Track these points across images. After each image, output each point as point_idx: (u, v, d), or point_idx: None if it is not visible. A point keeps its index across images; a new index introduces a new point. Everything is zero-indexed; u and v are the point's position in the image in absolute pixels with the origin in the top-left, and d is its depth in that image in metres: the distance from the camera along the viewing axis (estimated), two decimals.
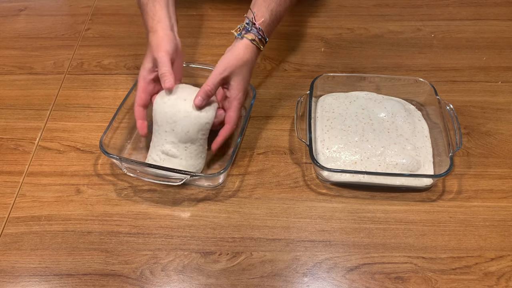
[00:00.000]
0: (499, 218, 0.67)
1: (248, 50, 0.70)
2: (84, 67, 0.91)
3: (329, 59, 0.92)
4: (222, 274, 0.62)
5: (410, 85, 0.80)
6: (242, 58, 0.69)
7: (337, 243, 0.65)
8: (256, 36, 0.70)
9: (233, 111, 0.70)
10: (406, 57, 0.92)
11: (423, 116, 0.78)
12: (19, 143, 0.78)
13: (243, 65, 0.69)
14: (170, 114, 0.67)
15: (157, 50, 0.70)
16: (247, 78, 0.71)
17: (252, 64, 0.71)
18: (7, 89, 0.87)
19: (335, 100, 0.80)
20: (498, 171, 0.72)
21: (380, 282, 0.61)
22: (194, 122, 0.67)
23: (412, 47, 0.94)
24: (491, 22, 0.99)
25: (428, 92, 0.78)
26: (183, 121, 0.67)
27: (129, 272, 0.62)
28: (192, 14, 1.01)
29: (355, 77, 0.82)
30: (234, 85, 0.69)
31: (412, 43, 0.95)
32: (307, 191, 0.70)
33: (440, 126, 0.74)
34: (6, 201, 0.70)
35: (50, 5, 1.07)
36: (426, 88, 0.79)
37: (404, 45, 0.94)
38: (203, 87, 0.68)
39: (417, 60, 0.91)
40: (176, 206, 0.69)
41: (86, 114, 0.82)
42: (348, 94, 0.81)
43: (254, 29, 0.71)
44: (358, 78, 0.82)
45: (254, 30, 0.71)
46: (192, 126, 0.67)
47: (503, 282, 0.60)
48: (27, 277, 0.62)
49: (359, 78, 0.82)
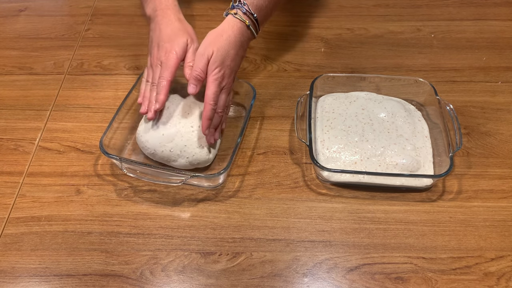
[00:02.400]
0: (499, 218, 0.67)
1: (230, 25, 0.70)
2: (84, 67, 0.91)
3: (329, 59, 0.92)
4: (222, 274, 0.62)
5: (410, 85, 0.80)
6: (222, 34, 0.69)
7: (337, 243, 0.65)
8: (240, 10, 0.70)
9: (207, 88, 0.67)
10: (406, 57, 0.92)
11: (423, 116, 0.78)
12: (19, 143, 0.78)
13: (225, 41, 0.68)
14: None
15: (174, 44, 0.71)
16: (230, 54, 0.69)
17: (235, 38, 0.70)
18: (7, 89, 0.87)
19: (335, 100, 0.80)
20: (498, 171, 0.72)
21: (380, 282, 0.61)
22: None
23: (412, 47, 0.94)
24: (491, 22, 0.99)
25: (428, 92, 0.78)
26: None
27: (129, 272, 0.62)
28: (192, 14, 1.01)
29: (355, 77, 0.82)
30: (211, 60, 0.68)
31: (412, 43, 0.95)
32: (307, 191, 0.70)
33: (440, 126, 0.74)
34: (6, 201, 0.70)
35: (50, 5, 1.07)
36: (426, 88, 0.79)
37: (404, 45, 0.94)
38: (191, 73, 0.68)
39: (417, 60, 0.91)
40: (176, 206, 0.69)
41: (86, 115, 0.82)
42: (348, 94, 0.81)
43: (239, 4, 0.70)
44: (358, 78, 0.82)
45: (239, 5, 0.70)
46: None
47: (503, 282, 0.60)
48: (27, 278, 0.62)
49: (359, 79, 0.82)
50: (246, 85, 0.78)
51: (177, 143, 0.69)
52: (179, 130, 0.70)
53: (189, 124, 0.71)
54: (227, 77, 0.69)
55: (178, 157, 0.70)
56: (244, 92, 0.80)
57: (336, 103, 0.79)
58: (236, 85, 0.80)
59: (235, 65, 0.71)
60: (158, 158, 0.71)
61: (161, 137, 0.70)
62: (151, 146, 0.70)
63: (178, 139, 0.69)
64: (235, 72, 0.72)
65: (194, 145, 0.69)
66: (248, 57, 0.92)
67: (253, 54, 0.92)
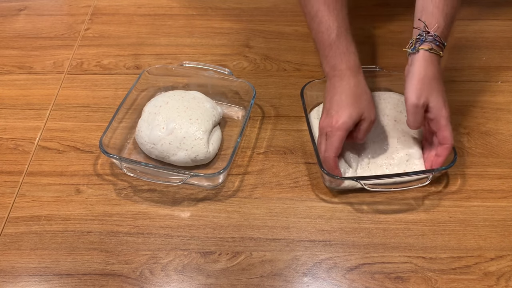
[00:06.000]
0: (499, 218, 0.67)
1: (428, 62, 0.64)
2: (84, 67, 0.91)
3: None
4: (222, 274, 0.62)
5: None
6: (427, 75, 0.63)
7: (337, 243, 0.64)
8: (433, 43, 0.64)
9: (444, 131, 0.65)
10: (406, 57, 0.91)
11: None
12: (19, 143, 0.78)
13: (431, 81, 0.64)
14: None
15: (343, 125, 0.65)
16: (441, 91, 0.65)
17: (438, 73, 0.65)
18: (7, 89, 0.87)
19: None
20: (498, 171, 0.72)
21: (380, 282, 0.61)
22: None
23: None
24: (491, 22, 0.99)
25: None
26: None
27: (129, 272, 0.62)
28: (192, 14, 1.01)
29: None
30: (433, 106, 0.64)
31: None
32: (307, 191, 0.70)
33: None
34: (6, 201, 0.70)
35: (49, 5, 1.07)
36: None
37: (404, 45, 0.94)
38: (409, 127, 0.66)
39: None
40: (175, 206, 0.69)
41: (86, 114, 0.82)
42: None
43: (430, 37, 0.64)
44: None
45: (430, 38, 0.64)
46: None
47: (503, 282, 0.60)
48: (26, 277, 0.62)
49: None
50: (246, 84, 0.78)
51: (176, 135, 0.70)
52: (178, 123, 0.70)
53: (187, 117, 0.71)
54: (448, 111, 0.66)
55: (178, 149, 0.70)
56: (244, 92, 0.80)
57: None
58: (236, 85, 0.80)
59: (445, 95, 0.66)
60: (158, 153, 0.71)
61: (161, 131, 0.70)
62: (151, 140, 0.71)
63: (177, 131, 0.70)
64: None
65: (193, 136, 0.70)
66: (248, 57, 0.92)
67: (253, 54, 0.92)
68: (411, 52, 0.66)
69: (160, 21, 1.00)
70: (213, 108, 0.75)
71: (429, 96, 0.63)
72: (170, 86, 0.83)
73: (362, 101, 0.67)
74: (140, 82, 0.79)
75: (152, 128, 0.71)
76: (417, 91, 0.63)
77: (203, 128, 0.71)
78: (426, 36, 0.64)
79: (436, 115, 0.64)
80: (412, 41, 0.66)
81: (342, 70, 0.68)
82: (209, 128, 0.72)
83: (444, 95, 0.65)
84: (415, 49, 0.65)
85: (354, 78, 0.68)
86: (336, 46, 0.69)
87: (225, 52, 0.93)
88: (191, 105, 0.74)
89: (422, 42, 0.64)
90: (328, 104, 0.67)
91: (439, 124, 0.65)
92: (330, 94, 0.68)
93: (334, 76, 0.68)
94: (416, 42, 0.65)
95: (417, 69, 0.64)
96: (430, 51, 0.64)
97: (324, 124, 0.67)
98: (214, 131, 0.74)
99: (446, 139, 0.65)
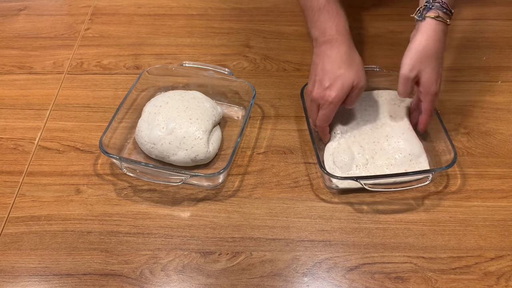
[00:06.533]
0: (499, 218, 0.67)
1: (432, 32, 0.64)
2: (84, 67, 0.91)
3: None
4: (222, 274, 0.62)
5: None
6: (427, 47, 0.64)
7: (337, 243, 0.65)
8: (440, 11, 0.64)
9: (427, 103, 0.68)
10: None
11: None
12: (19, 143, 0.78)
13: (430, 56, 0.64)
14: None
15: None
16: (436, 66, 0.66)
17: (441, 45, 0.65)
18: (7, 89, 0.87)
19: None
20: (498, 171, 0.72)
21: (380, 282, 0.61)
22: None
23: None
24: (491, 22, 0.99)
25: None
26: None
27: (129, 272, 0.62)
28: (192, 14, 1.01)
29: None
30: (424, 81, 0.66)
31: None
32: (307, 191, 0.70)
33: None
34: (6, 201, 0.70)
35: (49, 4, 1.07)
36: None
37: (404, 45, 0.92)
38: (398, 95, 0.69)
39: None
40: (175, 206, 0.69)
41: (86, 114, 0.82)
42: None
43: (437, 3, 0.64)
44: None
45: (437, 5, 0.64)
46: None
47: (503, 282, 0.60)
48: (26, 277, 0.62)
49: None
50: (246, 84, 0.78)
51: (176, 135, 0.70)
52: (178, 123, 0.70)
53: (187, 117, 0.71)
54: (440, 85, 0.68)
55: (178, 149, 0.70)
56: (244, 92, 0.80)
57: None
58: (236, 85, 0.80)
59: (442, 67, 0.68)
60: (158, 153, 0.71)
61: (161, 131, 0.70)
62: (151, 140, 0.71)
63: (177, 131, 0.70)
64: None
65: (193, 136, 0.70)
66: (248, 57, 0.92)
67: (253, 54, 0.92)
68: (418, 19, 0.66)
69: (160, 21, 1.00)
70: (213, 108, 0.75)
71: (422, 70, 0.65)
72: (170, 86, 0.83)
73: (353, 69, 0.68)
74: (140, 82, 0.79)
75: (152, 128, 0.71)
76: (411, 64, 0.65)
77: (203, 127, 0.71)
78: (433, 3, 0.64)
79: (425, 89, 0.67)
80: (420, 9, 0.66)
81: (332, 35, 0.68)
82: (209, 128, 0.72)
83: (440, 70, 0.67)
84: (422, 17, 0.65)
85: (345, 44, 0.68)
86: (326, 10, 0.69)
87: (225, 52, 0.93)
88: (191, 105, 0.74)
89: (429, 9, 0.64)
90: (320, 73, 0.68)
91: (425, 98, 0.68)
92: (322, 62, 0.68)
93: (325, 42, 0.69)
94: (423, 9, 0.65)
95: (418, 39, 0.65)
96: (437, 19, 0.64)
97: (316, 95, 0.68)
98: (214, 131, 0.74)
99: (427, 111, 0.70)
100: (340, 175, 0.69)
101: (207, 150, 0.71)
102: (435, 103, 0.69)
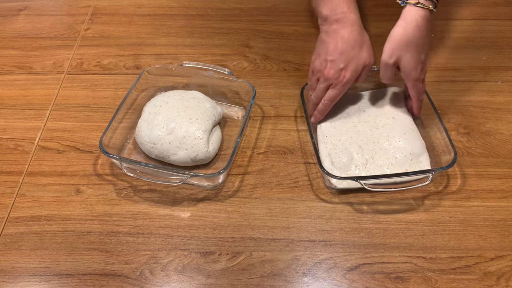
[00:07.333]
0: (499, 218, 0.67)
1: (411, 19, 0.64)
2: (84, 67, 0.91)
3: None
4: (222, 274, 0.62)
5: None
6: (405, 34, 0.65)
7: (337, 243, 0.65)
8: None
9: (410, 89, 0.70)
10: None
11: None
12: (19, 143, 0.78)
13: (409, 42, 0.65)
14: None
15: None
16: (417, 53, 0.66)
17: (421, 32, 0.65)
18: (7, 89, 0.87)
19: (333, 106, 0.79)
20: (498, 171, 0.72)
21: (380, 282, 0.61)
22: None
23: None
24: (491, 22, 0.99)
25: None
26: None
27: (129, 272, 0.62)
28: (192, 14, 1.01)
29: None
30: (403, 67, 0.67)
31: None
32: (307, 191, 0.70)
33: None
34: (6, 201, 0.70)
35: (49, 5, 1.07)
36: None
37: None
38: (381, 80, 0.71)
39: None
40: (176, 206, 0.69)
41: (86, 114, 0.82)
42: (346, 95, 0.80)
43: None
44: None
45: None
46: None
47: (503, 282, 0.60)
48: (26, 277, 0.62)
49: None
50: (246, 85, 0.78)
51: (176, 135, 0.70)
52: (178, 123, 0.70)
53: (187, 117, 0.71)
54: (424, 69, 0.70)
55: (178, 149, 0.70)
56: (244, 92, 0.80)
57: (333, 109, 0.77)
58: (236, 85, 0.80)
59: (427, 52, 0.70)
60: (158, 153, 0.71)
61: (161, 131, 0.70)
62: (151, 140, 0.71)
63: (177, 131, 0.70)
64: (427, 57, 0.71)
65: (193, 136, 0.70)
66: (248, 57, 0.92)
67: (253, 54, 0.92)
68: (401, 5, 0.67)
69: (160, 21, 1.00)
70: (213, 108, 0.75)
71: (401, 57, 0.66)
72: (170, 86, 0.83)
73: (364, 49, 0.70)
74: (140, 82, 0.79)
75: (152, 127, 0.71)
76: (390, 50, 0.66)
77: (203, 127, 0.71)
78: None
79: (405, 75, 0.69)
80: None
81: (344, 13, 0.69)
82: (209, 127, 0.72)
83: (421, 57, 0.67)
84: (404, 3, 0.66)
85: (356, 23, 0.70)
86: None
87: (225, 52, 0.93)
88: (191, 105, 0.74)
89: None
90: (333, 53, 0.69)
91: (408, 84, 0.70)
92: (334, 41, 0.69)
93: (337, 20, 0.69)
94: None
95: (397, 28, 0.66)
96: (417, 5, 0.64)
97: (330, 75, 0.70)
98: (214, 131, 0.74)
99: (413, 97, 0.72)
100: (340, 175, 0.69)
101: (207, 150, 0.71)
102: (419, 89, 0.71)
